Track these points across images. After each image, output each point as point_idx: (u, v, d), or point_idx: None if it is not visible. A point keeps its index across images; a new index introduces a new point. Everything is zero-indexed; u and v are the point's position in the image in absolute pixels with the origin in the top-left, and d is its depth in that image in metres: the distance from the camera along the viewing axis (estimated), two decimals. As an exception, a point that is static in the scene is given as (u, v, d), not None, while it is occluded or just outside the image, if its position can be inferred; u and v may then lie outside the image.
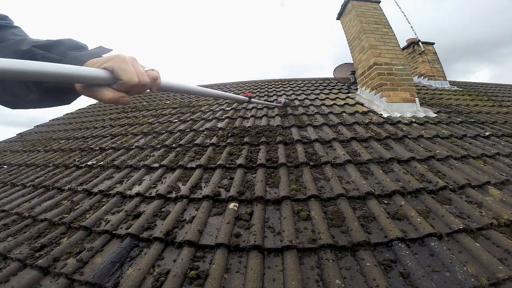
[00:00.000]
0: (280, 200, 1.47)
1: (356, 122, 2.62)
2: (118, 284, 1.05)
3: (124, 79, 0.43)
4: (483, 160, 1.92)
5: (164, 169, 2.02)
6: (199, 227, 1.29)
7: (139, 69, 0.46)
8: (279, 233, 1.24)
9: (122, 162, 2.28)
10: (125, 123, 3.73)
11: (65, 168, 2.48)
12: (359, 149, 2.04)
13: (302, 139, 2.25)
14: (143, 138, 2.92)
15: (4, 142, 4.43)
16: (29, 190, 2.15)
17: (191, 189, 1.66)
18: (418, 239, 1.16)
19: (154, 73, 0.49)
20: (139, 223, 1.37)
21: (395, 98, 3.09)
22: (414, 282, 0.95)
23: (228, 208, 1.43)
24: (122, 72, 0.43)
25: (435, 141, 2.21)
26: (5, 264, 1.27)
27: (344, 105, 3.33)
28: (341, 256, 1.11)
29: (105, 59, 0.44)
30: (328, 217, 1.32)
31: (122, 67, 0.43)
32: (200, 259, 1.14)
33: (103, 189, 1.85)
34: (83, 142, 3.22)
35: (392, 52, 3.31)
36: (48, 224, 1.58)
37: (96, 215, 1.53)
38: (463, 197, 1.47)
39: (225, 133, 2.57)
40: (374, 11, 3.56)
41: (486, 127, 2.64)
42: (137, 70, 0.45)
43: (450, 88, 4.77)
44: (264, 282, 1.01)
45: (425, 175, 1.66)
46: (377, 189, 1.53)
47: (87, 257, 1.21)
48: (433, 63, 5.08)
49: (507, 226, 1.24)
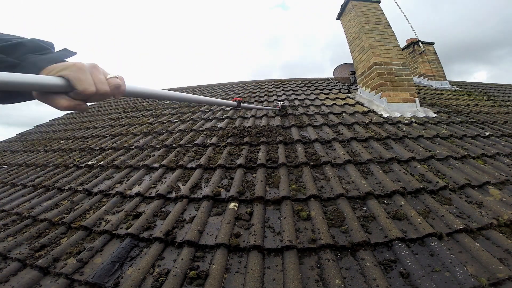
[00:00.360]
0: (280, 200, 1.46)
1: (356, 122, 2.62)
2: (118, 284, 1.05)
3: (79, 88, 0.41)
4: (483, 160, 1.92)
5: (164, 169, 2.02)
6: (199, 227, 1.29)
7: (98, 77, 0.44)
8: (279, 233, 1.24)
9: (122, 162, 2.28)
10: (125, 123, 3.73)
11: (65, 168, 2.48)
12: (359, 149, 2.04)
13: (302, 139, 2.25)
14: (143, 138, 2.92)
15: (4, 142, 4.44)
16: (29, 190, 2.15)
17: (191, 189, 1.66)
18: (418, 239, 1.16)
19: (116, 81, 0.47)
20: (139, 223, 1.37)
21: (395, 98, 3.09)
22: (414, 282, 0.95)
23: (228, 208, 1.43)
24: (77, 82, 0.41)
25: (435, 141, 2.21)
26: (5, 264, 1.27)
27: (344, 105, 3.33)
28: (341, 256, 1.11)
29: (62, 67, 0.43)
30: (328, 217, 1.32)
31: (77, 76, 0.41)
32: (200, 259, 1.14)
33: (103, 189, 1.85)
34: (83, 142, 3.22)
35: (392, 52, 3.31)
36: (48, 224, 1.58)
37: (96, 215, 1.53)
38: (463, 197, 1.47)
39: (225, 133, 2.57)
40: (374, 11, 3.56)
41: (486, 127, 2.64)
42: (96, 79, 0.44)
43: (450, 88, 4.77)
44: (264, 282, 1.01)
45: (425, 175, 1.66)
46: (377, 189, 1.53)
47: (87, 257, 1.21)
48: (433, 63, 5.08)
49: (507, 226, 1.24)
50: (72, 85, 0.41)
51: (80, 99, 0.43)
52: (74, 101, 0.43)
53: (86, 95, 0.42)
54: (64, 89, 0.41)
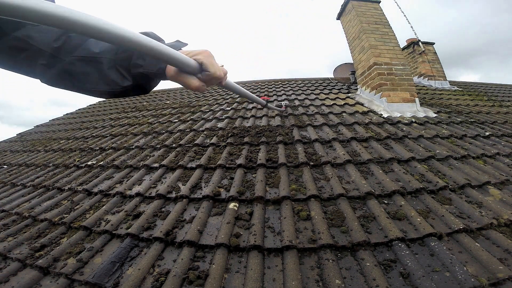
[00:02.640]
0: (280, 200, 1.46)
1: (356, 122, 2.62)
2: (118, 284, 1.05)
3: (211, 71, 0.50)
4: (483, 160, 1.92)
5: (164, 169, 2.02)
6: (199, 227, 1.29)
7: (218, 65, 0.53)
8: (279, 233, 1.24)
9: (122, 162, 2.28)
10: (125, 123, 3.73)
11: (65, 168, 2.48)
12: (359, 149, 2.04)
13: (302, 139, 2.25)
14: (143, 138, 2.92)
15: (4, 142, 4.43)
16: (29, 190, 2.15)
17: (191, 189, 1.66)
18: (418, 239, 1.16)
19: (225, 69, 0.57)
20: (139, 223, 1.37)
21: (395, 98, 3.09)
22: (414, 282, 0.95)
23: (228, 208, 1.43)
24: (209, 66, 0.50)
25: (435, 141, 2.21)
26: (5, 264, 1.27)
27: (344, 105, 3.33)
28: (341, 256, 1.11)
29: (196, 52, 0.51)
30: (328, 217, 1.32)
31: (209, 61, 0.50)
32: (200, 259, 1.14)
33: (103, 189, 1.85)
34: (83, 142, 3.22)
35: (392, 52, 3.31)
36: (48, 224, 1.58)
37: (96, 215, 1.53)
38: (463, 197, 1.47)
39: (225, 133, 2.57)
40: (374, 11, 3.56)
41: (486, 127, 2.64)
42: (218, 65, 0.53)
43: (450, 88, 4.77)
44: (264, 282, 1.01)
45: (425, 175, 1.66)
46: (377, 189, 1.53)
47: (87, 257, 1.21)
48: (433, 63, 5.08)
49: (507, 226, 1.24)
50: (204, 68, 0.50)
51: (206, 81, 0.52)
52: (201, 82, 0.52)
53: (213, 77, 0.51)
54: (195, 70, 0.50)
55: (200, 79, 0.51)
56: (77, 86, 0.57)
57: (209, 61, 0.50)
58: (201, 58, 0.50)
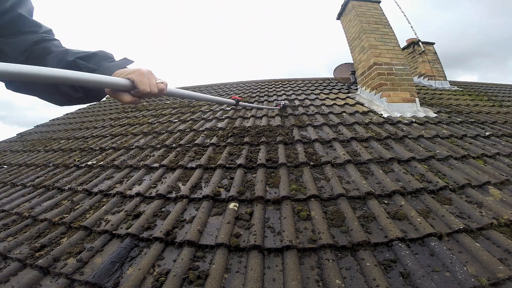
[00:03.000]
0: (280, 200, 1.46)
1: (356, 122, 2.62)
2: (118, 284, 1.05)
3: (140, 88, 0.56)
4: (483, 160, 1.92)
5: (164, 169, 2.02)
6: (199, 227, 1.29)
7: (152, 81, 0.59)
8: (279, 233, 1.24)
9: (122, 162, 2.28)
10: (125, 123, 3.73)
11: (65, 168, 2.48)
12: (359, 149, 2.04)
13: (302, 139, 2.25)
14: (143, 138, 2.92)
15: (4, 142, 4.44)
16: (29, 190, 2.15)
17: (191, 189, 1.66)
18: (418, 239, 1.16)
19: (161, 85, 0.62)
20: (139, 223, 1.37)
21: (395, 98, 3.09)
22: (414, 282, 0.95)
23: (228, 208, 1.43)
24: (139, 83, 0.56)
25: (435, 141, 2.21)
26: (5, 264, 1.27)
27: (344, 105, 3.33)
28: (341, 256, 1.11)
29: (128, 71, 0.58)
30: (328, 217, 1.32)
31: (139, 79, 0.56)
32: (200, 259, 1.14)
33: (103, 189, 1.85)
34: (83, 142, 3.22)
35: (392, 52, 3.31)
36: (48, 224, 1.58)
37: (96, 215, 1.53)
38: (463, 197, 1.47)
39: (225, 133, 2.57)
40: (374, 11, 3.56)
41: (486, 127, 2.64)
42: (150, 82, 0.59)
43: (450, 88, 4.76)
44: (264, 282, 1.01)
45: (425, 175, 1.66)
46: (377, 189, 1.53)
47: (87, 257, 1.21)
48: (433, 63, 5.07)
49: (507, 226, 1.24)
50: (134, 85, 0.57)
51: (138, 96, 0.59)
52: (134, 98, 0.59)
53: (143, 94, 0.58)
54: (129, 88, 0.57)
55: (133, 95, 0.58)
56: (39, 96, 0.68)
57: (139, 80, 0.56)
58: (132, 76, 0.56)
